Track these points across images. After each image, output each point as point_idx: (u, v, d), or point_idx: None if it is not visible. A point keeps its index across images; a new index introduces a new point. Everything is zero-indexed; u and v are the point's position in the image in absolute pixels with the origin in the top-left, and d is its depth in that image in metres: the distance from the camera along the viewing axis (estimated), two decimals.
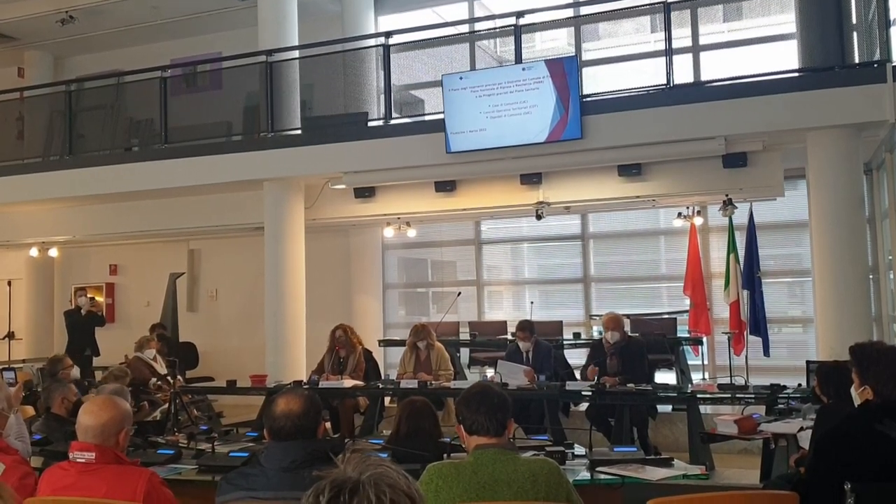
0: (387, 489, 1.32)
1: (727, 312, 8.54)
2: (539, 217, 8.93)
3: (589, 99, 7.86)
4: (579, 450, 4.37)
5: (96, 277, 12.82)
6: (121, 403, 3.08)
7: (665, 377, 8.48)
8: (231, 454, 4.45)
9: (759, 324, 8.26)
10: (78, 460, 2.90)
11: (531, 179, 8.66)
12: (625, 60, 9.91)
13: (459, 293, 9.99)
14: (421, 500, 1.37)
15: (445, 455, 3.79)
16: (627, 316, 9.34)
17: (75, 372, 7.32)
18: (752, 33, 9.51)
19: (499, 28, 9.42)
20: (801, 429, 4.73)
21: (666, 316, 9.38)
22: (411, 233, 10.32)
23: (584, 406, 7.22)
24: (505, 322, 9.81)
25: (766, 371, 8.28)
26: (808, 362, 6.65)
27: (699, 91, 7.83)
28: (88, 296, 11.13)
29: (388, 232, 10.29)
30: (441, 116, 8.14)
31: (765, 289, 8.46)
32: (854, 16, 7.77)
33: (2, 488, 2.25)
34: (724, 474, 4.40)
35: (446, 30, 9.79)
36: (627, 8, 8.68)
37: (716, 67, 8.88)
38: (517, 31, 8.28)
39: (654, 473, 3.87)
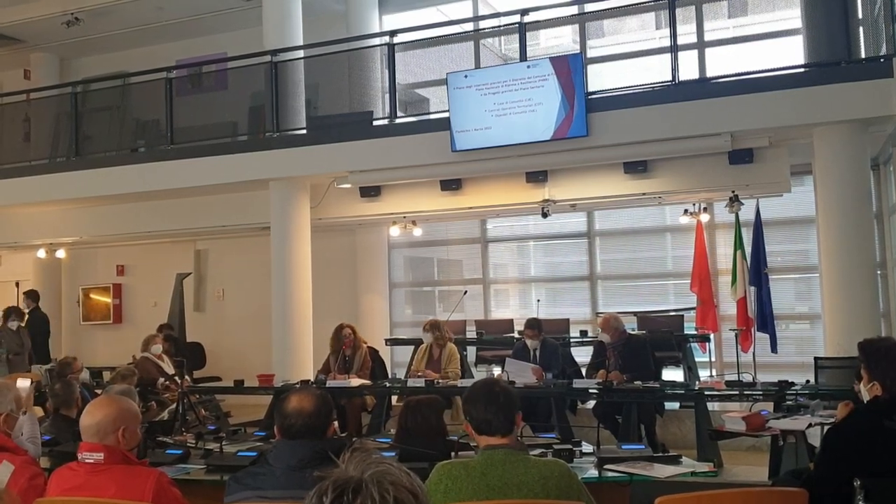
0: (390, 487, 1.32)
1: (734, 309, 8.54)
2: (545, 215, 8.93)
3: (594, 96, 7.84)
4: (587, 447, 4.35)
5: (103, 278, 12.87)
6: (120, 401, 3.06)
7: (672, 374, 8.47)
8: (239, 454, 4.45)
9: (766, 320, 8.26)
10: (87, 461, 2.89)
11: (537, 177, 8.66)
12: (630, 57, 9.88)
13: (466, 291, 9.98)
14: (424, 495, 1.36)
15: (453, 453, 3.78)
16: (634, 313, 9.36)
17: (85, 374, 7.33)
18: (758, 29, 9.49)
19: (503, 26, 9.40)
20: (810, 425, 4.72)
21: (673, 313, 9.36)
22: (417, 231, 10.32)
23: (591, 404, 7.21)
24: (511, 320, 9.81)
25: (773, 367, 8.26)
26: (815, 359, 6.66)
27: (705, 87, 7.80)
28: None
29: (394, 231, 10.28)
30: (446, 115, 8.14)
31: (772, 285, 8.46)
32: (860, 10, 7.74)
33: (5, 495, 2.25)
34: (733, 471, 4.40)
35: (451, 28, 9.78)
36: (632, 4, 8.64)
37: (721, 64, 8.83)
38: (522, 29, 8.28)
39: (662, 471, 3.86)
